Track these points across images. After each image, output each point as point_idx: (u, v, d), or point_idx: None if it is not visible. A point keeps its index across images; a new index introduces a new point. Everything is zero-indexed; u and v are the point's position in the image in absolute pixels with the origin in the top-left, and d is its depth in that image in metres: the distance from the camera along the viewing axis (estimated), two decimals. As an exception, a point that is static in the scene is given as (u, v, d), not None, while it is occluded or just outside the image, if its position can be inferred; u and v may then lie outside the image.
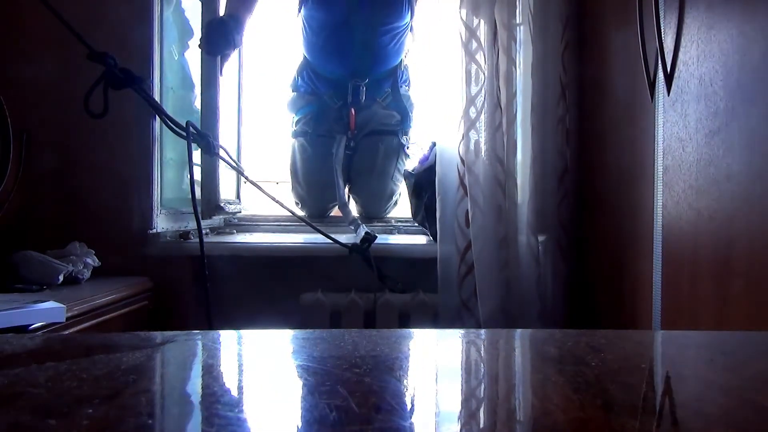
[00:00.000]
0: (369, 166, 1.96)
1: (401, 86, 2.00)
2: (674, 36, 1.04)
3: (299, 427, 0.33)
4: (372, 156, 1.96)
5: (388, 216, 2.03)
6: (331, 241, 1.60)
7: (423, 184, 1.71)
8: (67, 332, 1.08)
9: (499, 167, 1.54)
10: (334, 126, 1.96)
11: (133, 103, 1.35)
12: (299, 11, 1.94)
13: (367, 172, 1.97)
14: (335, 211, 2.02)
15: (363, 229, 1.70)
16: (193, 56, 1.73)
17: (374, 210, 2.01)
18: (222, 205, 1.69)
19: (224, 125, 1.70)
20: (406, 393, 0.39)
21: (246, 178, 1.72)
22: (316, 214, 1.97)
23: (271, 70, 2.44)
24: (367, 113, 1.96)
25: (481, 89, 1.54)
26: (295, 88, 2.03)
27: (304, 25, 1.95)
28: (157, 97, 1.50)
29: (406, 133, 2.00)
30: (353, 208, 2.01)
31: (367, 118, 1.96)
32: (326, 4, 1.88)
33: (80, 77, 1.23)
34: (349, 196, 2.01)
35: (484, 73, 1.54)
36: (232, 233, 1.87)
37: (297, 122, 2.03)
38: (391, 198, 2.01)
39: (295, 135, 2.03)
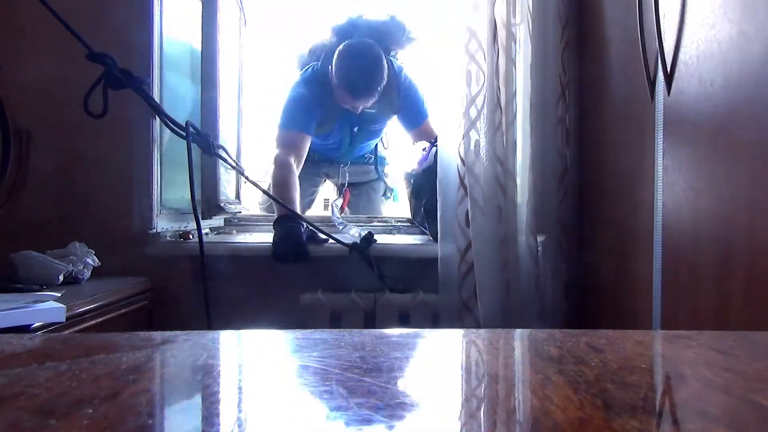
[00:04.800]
0: (360, 206, 2.25)
1: (380, 150, 2.27)
2: (674, 36, 1.04)
3: (299, 427, 0.33)
4: (362, 199, 2.26)
5: (388, 216, 2.04)
6: (331, 241, 1.60)
7: (422, 185, 1.71)
8: (67, 332, 1.08)
9: (499, 167, 1.54)
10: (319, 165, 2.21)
11: (133, 103, 1.34)
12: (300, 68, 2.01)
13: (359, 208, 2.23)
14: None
15: (350, 228, 1.76)
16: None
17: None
18: (222, 205, 1.69)
19: (224, 125, 1.70)
20: (406, 393, 0.39)
21: (246, 178, 1.72)
22: None
23: (271, 69, 2.44)
24: (354, 170, 2.22)
25: (481, 89, 1.54)
26: None
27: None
28: (156, 98, 1.50)
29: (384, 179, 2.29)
30: None
31: (353, 172, 2.21)
32: (324, 137, 2.05)
33: (80, 77, 1.23)
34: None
35: (484, 73, 1.54)
36: (232, 233, 1.87)
37: None
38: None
39: None
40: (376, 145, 2.24)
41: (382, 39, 1.90)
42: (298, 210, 1.72)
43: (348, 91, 1.83)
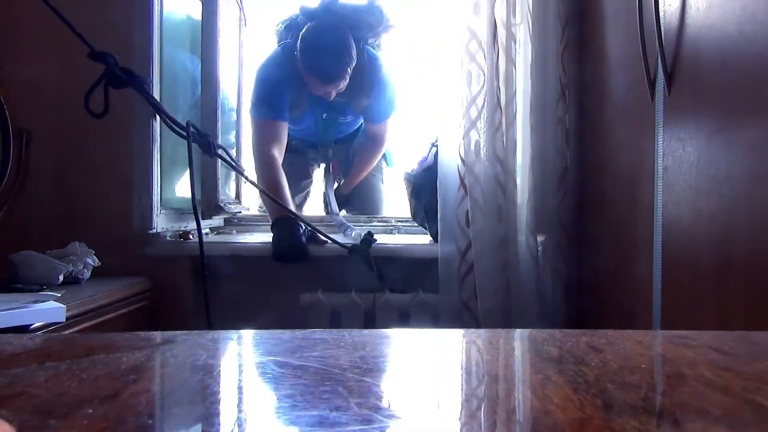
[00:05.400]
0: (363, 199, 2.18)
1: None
2: (674, 36, 1.04)
3: (299, 427, 0.33)
4: (363, 191, 2.17)
5: (387, 216, 2.04)
6: (330, 241, 1.60)
7: (422, 185, 1.71)
8: (67, 332, 1.08)
9: (499, 167, 1.54)
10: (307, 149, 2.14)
11: (133, 102, 1.34)
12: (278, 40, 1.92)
13: (361, 193, 2.16)
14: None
15: (352, 230, 1.75)
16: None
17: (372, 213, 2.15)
18: (222, 205, 1.69)
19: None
20: (407, 393, 0.39)
21: (246, 178, 1.71)
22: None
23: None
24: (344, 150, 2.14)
25: (481, 89, 1.54)
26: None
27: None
28: (157, 97, 1.50)
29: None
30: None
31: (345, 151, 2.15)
32: (295, 122, 1.95)
33: (81, 77, 1.23)
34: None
35: (484, 73, 1.54)
36: (232, 233, 1.87)
37: None
38: (382, 202, 2.21)
39: None
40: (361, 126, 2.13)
41: (356, 26, 1.81)
42: (293, 208, 1.71)
43: (316, 76, 1.75)
